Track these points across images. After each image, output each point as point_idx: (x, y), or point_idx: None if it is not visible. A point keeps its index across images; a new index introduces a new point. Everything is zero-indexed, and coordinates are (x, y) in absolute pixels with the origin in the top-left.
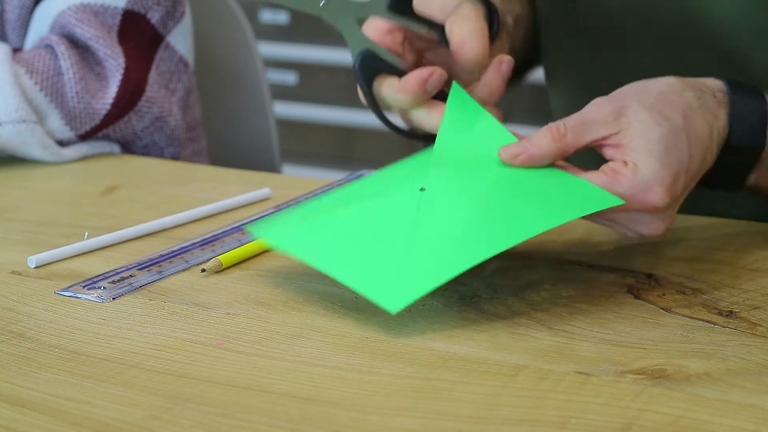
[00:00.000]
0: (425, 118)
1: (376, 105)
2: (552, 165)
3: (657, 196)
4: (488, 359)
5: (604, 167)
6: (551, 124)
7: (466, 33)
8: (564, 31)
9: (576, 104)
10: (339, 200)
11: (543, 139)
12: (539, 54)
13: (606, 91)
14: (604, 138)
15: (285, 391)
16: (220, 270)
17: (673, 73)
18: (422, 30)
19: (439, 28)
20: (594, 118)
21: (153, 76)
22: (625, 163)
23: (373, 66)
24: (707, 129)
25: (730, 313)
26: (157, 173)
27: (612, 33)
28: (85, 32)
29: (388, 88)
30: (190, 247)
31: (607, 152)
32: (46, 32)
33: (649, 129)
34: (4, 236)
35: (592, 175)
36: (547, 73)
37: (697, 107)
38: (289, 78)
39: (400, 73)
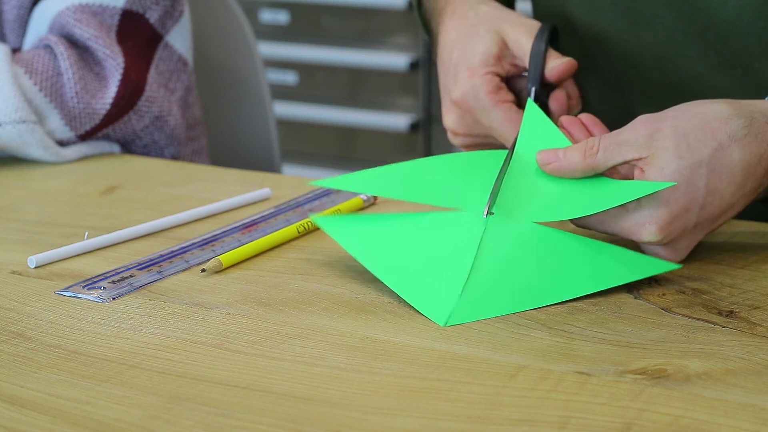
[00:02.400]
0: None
1: None
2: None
3: (648, 233)
4: (488, 359)
5: None
6: (588, 140)
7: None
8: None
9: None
10: (409, 194)
11: (575, 153)
12: None
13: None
14: (635, 160)
15: (285, 391)
16: (220, 270)
17: (675, 79)
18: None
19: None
20: (627, 138)
21: (152, 76)
22: None
23: None
24: (752, 158)
25: (730, 313)
26: (157, 173)
27: (611, 36)
28: (84, 32)
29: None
30: (190, 247)
31: (635, 174)
32: (45, 32)
33: (668, 161)
34: (4, 236)
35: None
36: None
37: (741, 136)
38: (289, 78)
39: None
